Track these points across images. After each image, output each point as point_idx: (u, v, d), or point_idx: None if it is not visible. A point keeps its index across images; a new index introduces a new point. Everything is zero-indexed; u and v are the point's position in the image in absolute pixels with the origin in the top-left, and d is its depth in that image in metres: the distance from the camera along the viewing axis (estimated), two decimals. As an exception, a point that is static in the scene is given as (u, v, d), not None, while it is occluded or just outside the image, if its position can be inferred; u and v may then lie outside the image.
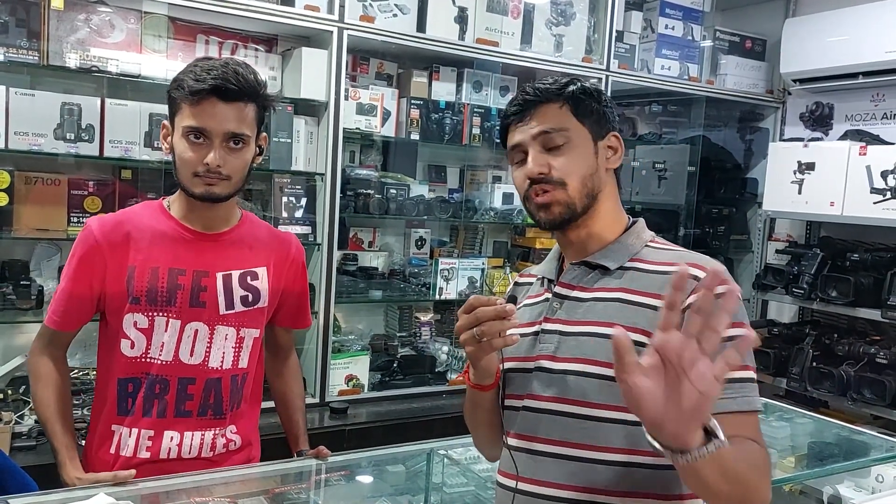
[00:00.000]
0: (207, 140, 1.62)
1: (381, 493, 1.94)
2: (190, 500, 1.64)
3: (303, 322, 2.00)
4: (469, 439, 1.52)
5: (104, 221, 1.72)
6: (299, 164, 2.98)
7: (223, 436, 1.77)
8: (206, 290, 1.71)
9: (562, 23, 3.50)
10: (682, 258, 1.26)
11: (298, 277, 1.92)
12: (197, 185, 1.65)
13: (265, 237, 1.85)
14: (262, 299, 1.80)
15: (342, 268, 3.19)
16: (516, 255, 3.78)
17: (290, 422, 1.99)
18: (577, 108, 1.31)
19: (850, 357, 3.32)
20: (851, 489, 2.14)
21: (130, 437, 1.70)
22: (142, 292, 1.67)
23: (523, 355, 1.32)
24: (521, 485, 1.29)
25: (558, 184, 1.28)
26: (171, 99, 1.66)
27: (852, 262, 3.46)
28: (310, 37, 2.98)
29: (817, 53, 3.71)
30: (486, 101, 3.43)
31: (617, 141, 1.35)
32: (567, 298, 1.32)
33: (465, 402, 1.43)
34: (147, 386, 1.69)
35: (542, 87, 1.32)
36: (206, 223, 1.74)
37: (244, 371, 1.79)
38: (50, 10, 2.48)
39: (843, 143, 3.52)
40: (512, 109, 1.35)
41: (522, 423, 1.31)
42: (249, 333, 1.78)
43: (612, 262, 1.30)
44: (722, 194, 4.22)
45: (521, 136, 1.33)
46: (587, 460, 1.23)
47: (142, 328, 1.68)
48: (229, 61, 1.66)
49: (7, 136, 2.45)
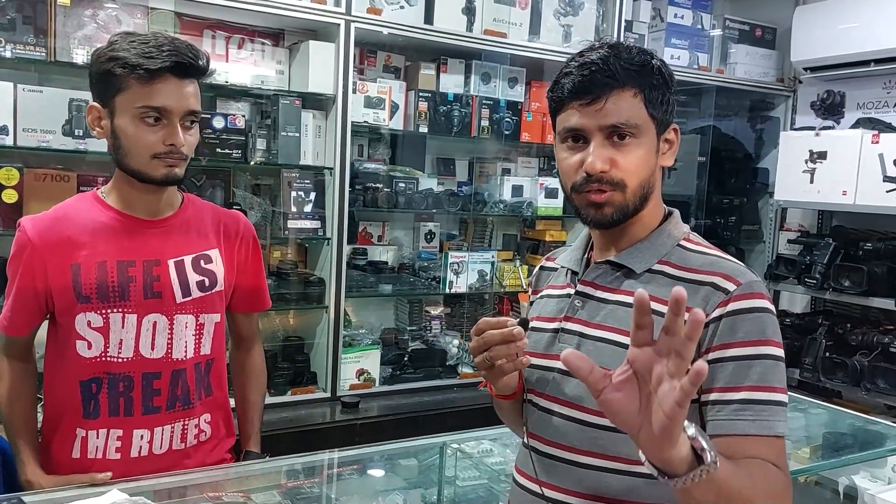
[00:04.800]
0: (165, 119, 1.55)
1: (393, 487, 1.94)
2: (203, 495, 1.64)
3: (261, 304, 1.91)
4: (482, 432, 1.53)
5: (37, 221, 1.63)
6: (308, 159, 2.97)
7: (196, 426, 1.72)
8: (160, 279, 1.64)
9: (570, 13, 3.47)
10: (712, 265, 1.19)
11: (251, 256, 1.83)
12: (157, 168, 1.57)
13: (211, 217, 1.77)
14: (219, 282, 1.73)
15: (352, 262, 3.19)
16: (526, 248, 3.76)
17: (245, 419, 1.92)
18: (650, 98, 1.18)
19: (864, 347, 3.30)
20: (867, 480, 2.12)
21: (98, 438, 1.63)
22: (91, 290, 1.59)
23: (542, 352, 1.29)
24: (531, 484, 1.28)
25: (617, 185, 1.18)
26: (109, 77, 1.54)
27: (865, 251, 3.43)
28: (317, 30, 2.96)
29: (828, 41, 3.67)
30: (494, 93, 3.41)
31: (675, 135, 1.25)
32: (590, 298, 1.26)
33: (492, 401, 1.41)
34: (110, 385, 1.62)
35: (619, 66, 1.16)
36: (152, 209, 1.66)
37: (208, 357, 1.73)
38: (56, 7, 2.48)
39: (855, 131, 3.49)
40: (577, 85, 1.17)
41: (538, 424, 1.29)
42: (210, 319, 1.72)
43: (639, 265, 1.23)
44: (733, 184, 4.19)
45: (584, 121, 1.17)
46: (595, 468, 1.20)
47: (97, 327, 1.60)
48: (170, 36, 1.58)
49: (16, 132, 2.45)
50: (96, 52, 1.59)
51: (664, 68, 1.21)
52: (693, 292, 1.14)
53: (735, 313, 1.12)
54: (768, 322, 1.13)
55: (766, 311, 1.14)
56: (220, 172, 2.94)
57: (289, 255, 3.14)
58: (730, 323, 1.12)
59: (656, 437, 0.90)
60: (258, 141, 2.89)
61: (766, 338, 1.11)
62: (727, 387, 1.10)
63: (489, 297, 3.52)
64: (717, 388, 1.11)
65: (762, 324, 1.12)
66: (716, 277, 1.16)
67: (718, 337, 1.12)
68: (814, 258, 3.55)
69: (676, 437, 0.90)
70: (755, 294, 1.14)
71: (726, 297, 1.13)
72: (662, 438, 0.90)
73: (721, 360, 1.11)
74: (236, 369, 1.95)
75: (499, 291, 3.49)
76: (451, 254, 3.36)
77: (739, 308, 1.12)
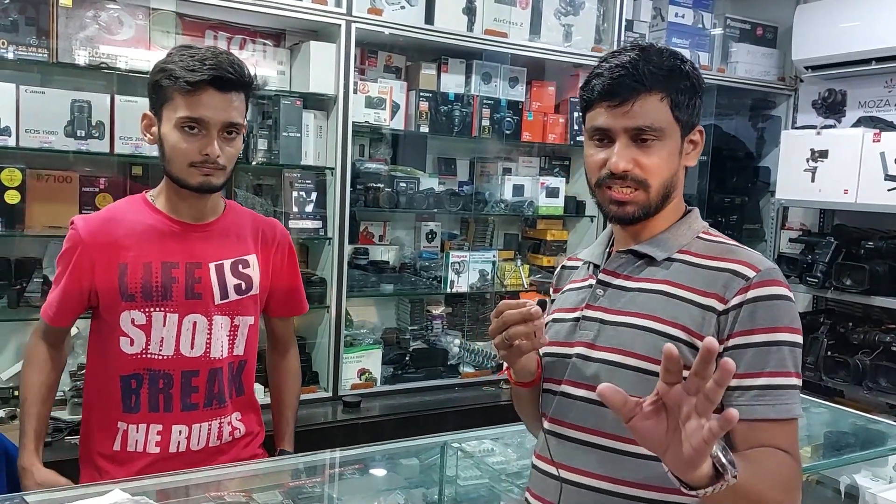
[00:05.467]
0: (204, 130, 1.62)
1: (395, 487, 1.94)
2: (205, 494, 1.64)
3: (298, 308, 1.99)
4: (482, 432, 1.54)
5: (89, 221, 1.71)
6: (309, 159, 2.97)
7: (229, 423, 1.78)
8: (200, 281, 1.71)
9: (571, 12, 3.47)
10: (730, 252, 1.24)
11: (286, 262, 1.91)
12: (194, 176, 1.65)
13: (250, 224, 1.85)
14: (255, 287, 1.80)
15: (353, 262, 3.19)
16: (527, 247, 3.76)
17: (280, 418, 2.00)
18: (677, 102, 1.23)
19: (866, 346, 3.30)
20: (868, 479, 2.12)
21: (138, 432, 1.70)
22: (136, 289, 1.66)
23: (563, 340, 1.32)
24: (549, 467, 1.31)
25: (641, 184, 1.23)
26: (159, 88, 1.64)
27: (867, 250, 3.42)
28: (318, 30, 2.97)
29: (829, 39, 3.67)
30: (495, 93, 3.41)
31: (700, 136, 1.30)
32: (611, 286, 1.30)
33: (511, 392, 1.44)
34: (150, 382, 1.69)
35: (648, 72, 1.20)
36: (195, 214, 1.74)
37: (241, 358, 1.80)
38: (59, 8, 2.48)
39: (856, 129, 3.49)
40: (607, 88, 1.22)
41: (558, 409, 1.31)
42: (244, 321, 1.79)
43: (660, 253, 1.28)
44: (734, 183, 4.19)
45: (610, 122, 1.23)
46: (617, 451, 1.23)
47: (140, 325, 1.68)
48: (218, 51, 1.65)
49: (18, 133, 2.45)
50: (155, 64, 1.68)
51: (693, 72, 1.26)
52: (713, 279, 1.20)
53: (755, 300, 1.17)
54: (786, 309, 1.19)
55: (785, 298, 1.19)
56: (221, 173, 2.95)
57: (290, 255, 3.14)
58: (749, 310, 1.17)
59: (682, 462, 0.95)
60: (259, 141, 2.90)
61: (783, 324, 1.17)
62: (747, 373, 1.15)
63: (490, 297, 3.52)
64: (738, 375, 1.13)
65: (780, 311, 1.18)
66: (735, 265, 1.21)
67: (739, 324, 1.17)
68: (815, 257, 3.55)
69: (701, 465, 0.95)
70: (773, 281, 1.19)
71: (746, 283, 1.18)
72: (687, 465, 0.95)
73: (741, 346, 1.16)
74: (273, 370, 2.03)
75: (500, 291, 3.49)
76: (453, 253, 3.36)
77: (758, 296, 1.17)
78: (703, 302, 1.20)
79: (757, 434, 1.13)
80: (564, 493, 1.28)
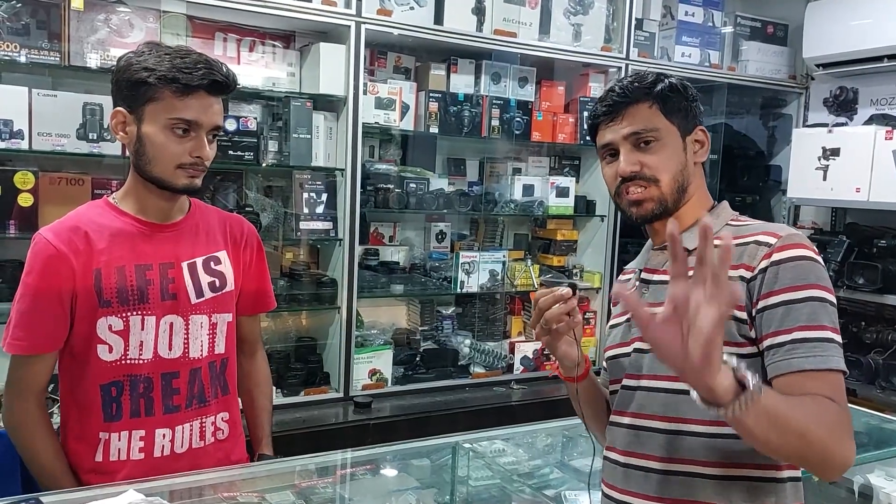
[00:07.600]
0: (194, 132, 1.61)
1: (406, 487, 1.94)
2: (218, 495, 1.65)
3: (265, 305, 1.95)
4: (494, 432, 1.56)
5: (58, 230, 1.62)
6: (319, 160, 2.98)
7: (213, 424, 1.75)
8: (174, 281, 1.68)
9: (580, 11, 3.47)
10: (756, 227, 1.31)
11: (255, 257, 1.88)
12: (180, 178, 1.62)
13: (218, 221, 1.82)
14: (229, 283, 1.78)
15: (363, 263, 3.20)
16: (537, 247, 3.76)
17: (255, 423, 1.94)
18: (666, 106, 1.35)
19: (879, 345, 3.28)
20: (882, 478, 2.11)
21: (121, 440, 1.65)
22: (112, 294, 1.61)
23: (620, 342, 1.43)
24: (617, 456, 1.39)
25: (651, 181, 1.34)
26: (141, 86, 1.57)
27: (879, 248, 3.41)
28: (327, 32, 2.97)
29: (841, 37, 3.65)
30: (504, 93, 3.41)
31: (704, 135, 1.40)
32: (652, 283, 1.40)
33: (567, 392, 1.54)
34: (131, 387, 1.64)
35: (632, 87, 1.36)
36: (164, 214, 1.71)
37: (222, 356, 1.77)
38: (70, 11, 2.50)
39: (868, 127, 3.47)
40: (602, 109, 1.38)
41: (621, 401, 1.40)
42: (222, 318, 1.76)
43: (692, 243, 1.30)
44: (745, 182, 4.17)
45: (611, 136, 1.37)
46: (674, 432, 1.30)
47: (117, 331, 1.63)
48: (196, 52, 1.62)
49: (31, 137, 2.47)
50: (125, 60, 1.62)
51: (676, 82, 1.39)
52: (739, 253, 1.26)
53: (778, 262, 1.22)
54: (811, 268, 1.21)
55: (809, 258, 1.22)
56: (232, 174, 2.96)
57: (301, 257, 3.16)
58: (774, 271, 1.22)
59: (698, 365, 0.97)
60: (270, 143, 2.91)
61: (810, 282, 1.20)
62: (779, 330, 1.19)
63: (500, 297, 3.52)
64: (770, 334, 1.19)
65: (805, 270, 1.21)
66: (759, 235, 1.27)
67: (766, 286, 1.22)
68: (827, 256, 3.52)
69: (717, 362, 0.98)
70: (796, 244, 1.23)
71: (769, 249, 1.23)
72: (703, 365, 0.97)
73: (770, 306, 1.20)
74: (242, 375, 1.94)
75: (510, 291, 3.49)
76: (463, 254, 3.36)
77: (782, 258, 1.22)
78: (732, 274, 1.24)
79: (797, 388, 1.13)
80: (632, 478, 1.35)
